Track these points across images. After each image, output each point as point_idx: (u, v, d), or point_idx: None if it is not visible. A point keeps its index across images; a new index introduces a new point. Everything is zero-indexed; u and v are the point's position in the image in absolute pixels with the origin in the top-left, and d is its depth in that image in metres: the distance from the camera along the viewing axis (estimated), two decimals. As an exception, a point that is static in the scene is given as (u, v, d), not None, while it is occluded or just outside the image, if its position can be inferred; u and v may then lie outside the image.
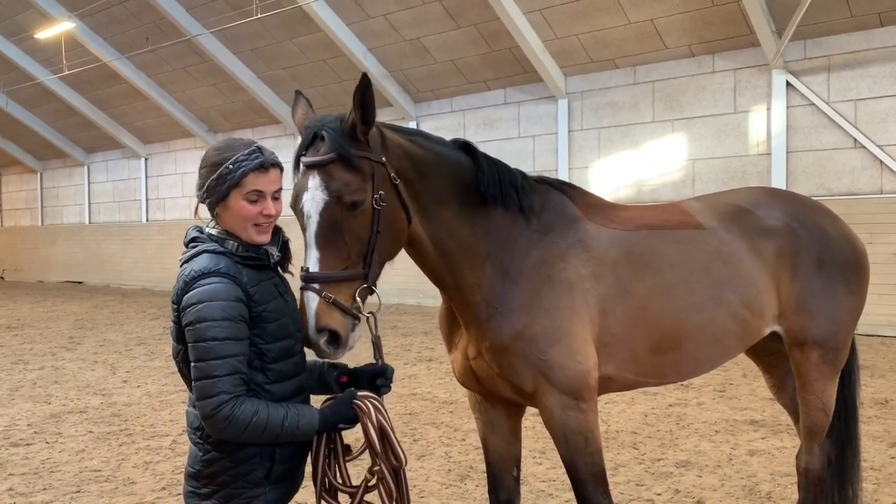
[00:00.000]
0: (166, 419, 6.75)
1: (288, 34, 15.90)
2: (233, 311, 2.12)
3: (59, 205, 27.18)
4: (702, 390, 7.40)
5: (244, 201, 2.20)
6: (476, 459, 5.40)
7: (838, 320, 3.26)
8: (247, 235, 2.23)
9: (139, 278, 22.79)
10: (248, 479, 2.22)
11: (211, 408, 2.07)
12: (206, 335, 2.08)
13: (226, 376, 2.08)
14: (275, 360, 2.23)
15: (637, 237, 2.96)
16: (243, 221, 2.22)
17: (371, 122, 2.39)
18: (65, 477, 5.24)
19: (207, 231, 2.28)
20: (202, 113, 20.28)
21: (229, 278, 2.14)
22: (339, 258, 2.32)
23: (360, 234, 2.35)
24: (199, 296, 2.11)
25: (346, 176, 2.32)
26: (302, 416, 2.18)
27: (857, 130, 11.03)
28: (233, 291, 2.13)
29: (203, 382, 2.09)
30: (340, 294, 2.29)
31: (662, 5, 11.86)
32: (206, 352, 2.08)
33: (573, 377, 2.66)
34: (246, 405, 2.09)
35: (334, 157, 2.33)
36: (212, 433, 2.14)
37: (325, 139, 2.35)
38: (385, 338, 10.98)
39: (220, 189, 2.20)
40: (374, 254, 2.37)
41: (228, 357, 2.10)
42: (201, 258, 2.19)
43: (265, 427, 2.11)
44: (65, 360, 10.06)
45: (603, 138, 13.74)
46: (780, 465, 5.16)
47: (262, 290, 2.22)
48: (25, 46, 20.51)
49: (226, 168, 2.19)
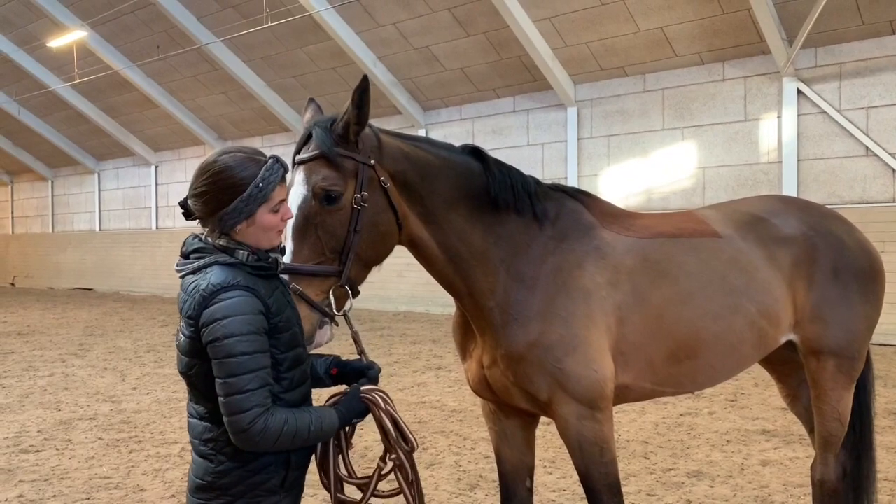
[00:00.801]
0: (175, 426, 6.75)
1: (298, 43, 15.97)
2: (258, 325, 2.10)
3: (70, 212, 27.32)
4: (713, 400, 7.35)
5: (270, 213, 2.18)
6: (486, 469, 5.38)
7: (854, 329, 3.23)
8: (269, 242, 2.22)
9: (149, 285, 22.87)
10: (264, 488, 2.20)
11: (246, 422, 2.05)
12: (235, 350, 2.06)
13: (258, 389, 2.07)
14: (289, 369, 2.22)
15: (653, 245, 2.94)
16: (269, 231, 2.20)
17: (363, 124, 2.43)
18: (74, 484, 5.24)
19: (214, 241, 2.21)
20: (212, 121, 20.38)
21: (250, 291, 2.12)
22: (313, 253, 2.35)
23: (335, 230, 2.37)
24: (223, 311, 2.07)
25: (324, 172, 2.37)
26: (323, 418, 2.20)
27: (869, 138, 10.97)
28: (255, 304, 2.11)
29: (235, 398, 2.06)
30: (310, 289, 2.31)
31: (672, 13, 11.85)
32: (238, 367, 2.06)
33: (589, 386, 2.64)
34: (276, 416, 2.10)
35: (317, 155, 2.40)
36: (245, 447, 2.11)
37: (313, 137, 2.42)
38: (394, 346, 10.99)
39: (251, 208, 2.15)
40: (350, 253, 2.38)
41: (259, 370, 2.09)
42: (215, 271, 2.14)
43: (295, 434, 2.12)
44: (75, 366, 10.08)
45: (612, 146, 13.72)
46: (794, 475, 5.11)
47: (276, 300, 2.21)
48: (38, 55, 20.67)
49: (255, 188, 2.14)
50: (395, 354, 10.51)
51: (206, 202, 2.17)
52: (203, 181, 2.17)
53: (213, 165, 2.17)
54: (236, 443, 2.11)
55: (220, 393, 2.09)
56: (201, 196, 2.18)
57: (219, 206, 2.15)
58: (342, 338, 2.51)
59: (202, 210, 2.20)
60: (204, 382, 2.16)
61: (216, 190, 2.15)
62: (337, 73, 16.20)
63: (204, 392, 2.18)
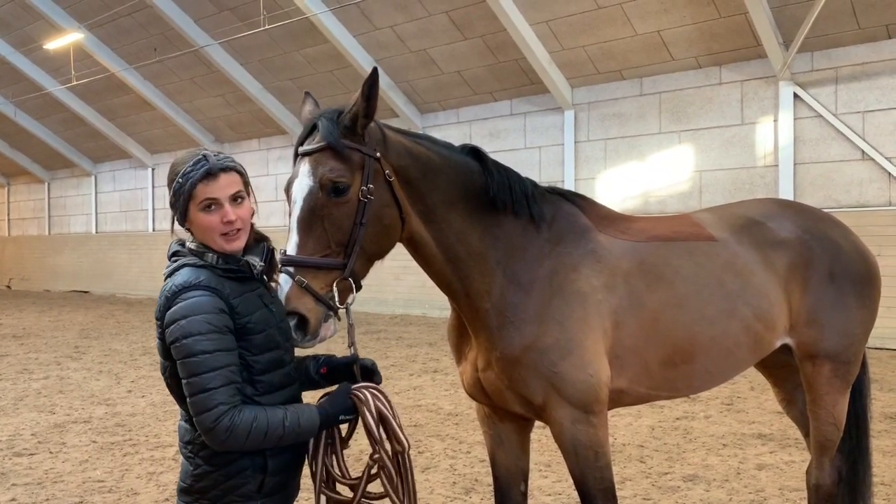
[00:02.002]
0: (170, 430, 6.73)
1: (295, 45, 15.96)
2: (218, 323, 2.10)
3: (67, 214, 27.26)
4: (709, 403, 7.34)
5: (201, 212, 2.17)
6: (481, 472, 5.36)
7: (850, 333, 3.22)
8: (217, 246, 2.20)
9: (145, 288, 22.80)
10: (239, 493, 2.18)
11: (210, 421, 2.05)
12: (195, 349, 2.06)
13: (221, 387, 2.06)
14: (263, 372, 2.20)
15: (649, 249, 2.93)
16: (209, 233, 2.19)
17: (371, 116, 2.41)
18: (68, 487, 5.22)
19: (188, 245, 2.25)
20: (209, 123, 20.36)
21: (211, 290, 2.12)
22: (319, 245, 2.32)
23: (341, 223, 2.34)
24: (182, 311, 2.08)
25: (332, 164, 2.34)
26: (302, 414, 2.16)
27: (865, 142, 10.98)
28: (215, 303, 2.11)
29: (198, 397, 2.06)
30: (316, 281, 2.28)
31: (669, 17, 11.86)
32: (198, 366, 2.06)
33: (584, 390, 2.63)
34: (244, 413, 2.08)
35: (324, 146, 2.36)
36: (215, 446, 2.11)
37: (319, 129, 2.39)
38: (390, 349, 10.94)
39: (179, 205, 2.19)
40: (355, 245, 2.35)
41: (221, 368, 2.07)
42: (182, 272, 2.17)
43: (266, 431, 2.09)
44: (70, 369, 10.05)
45: (609, 149, 13.72)
46: (789, 479, 5.11)
47: (244, 301, 2.19)
48: (34, 57, 20.63)
49: (177, 183, 2.17)
50: (392, 357, 10.49)
51: None
52: None
53: None
54: (208, 443, 2.11)
55: (186, 393, 2.10)
56: None
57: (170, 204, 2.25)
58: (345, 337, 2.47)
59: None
60: (178, 384, 2.16)
61: (168, 188, 2.23)
62: (334, 76, 16.20)
63: (179, 393, 2.18)
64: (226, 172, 2.19)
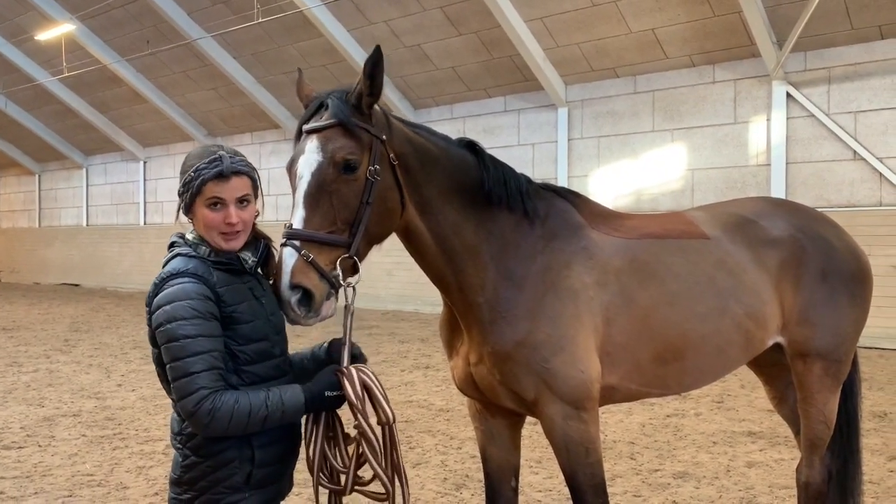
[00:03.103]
0: (160, 423, 6.70)
1: (289, 39, 15.91)
2: (202, 308, 2.12)
3: (57, 207, 27.12)
4: (700, 401, 7.36)
5: (206, 209, 2.20)
6: (472, 468, 5.36)
7: (841, 332, 3.23)
8: (214, 243, 2.24)
9: (136, 281, 22.72)
10: (227, 485, 2.19)
11: (192, 404, 2.06)
12: (177, 333, 2.08)
13: (203, 372, 2.07)
14: (249, 363, 2.21)
15: (641, 246, 2.93)
16: (208, 229, 2.22)
17: (377, 95, 2.41)
18: (57, 481, 5.19)
19: (187, 237, 2.30)
20: (202, 117, 20.27)
21: (196, 278, 2.15)
22: (325, 221, 2.30)
23: (349, 200, 2.33)
24: (167, 296, 2.13)
25: (344, 141, 2.34)
26: (284, 392, 2.17)
27: (857, 142, 11.03)
28: (200, 290, 2.14)
29: (181, 381, 2.08)
30: (321, 257, 2.26)
31: (663, 15, 11.87)
32: (181, 350, 2.08)
33: (575, 386, 2.63)
34: (225, 395, 2.09)
35: (335, 123, 2.36)
36: (198, 431, 2.12)
37: (329, 107, 2.38)
38: (382, 344, 10.91)
39: (186, 197, 2.22)
40: (360, 225, 2.34)
41: (203, 353, 2.09)
42: (173, 261, 2.23)
43: (249, 412, 2.09)
44: (59, 362, 10.00)
45: (602, 147, 13.74)
46: (779, 477, 5.13)
47: (231, 290, 2.21)
48: (25, 48, 20.50)
49: (188, 176, 2.21)
50: (384, 353, 10.48)
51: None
52: None
53: None
54: (192, 428, 2.13)
55: (169, 378, 2.12)
56: None
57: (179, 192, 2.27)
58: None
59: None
60: (165, 371, 2.18)
61: (179, 178, 2.26)
62: (328, 71, 16.15)
63: (167, 382, 2.20)
64: (237, 176, 2.22)
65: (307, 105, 2.50)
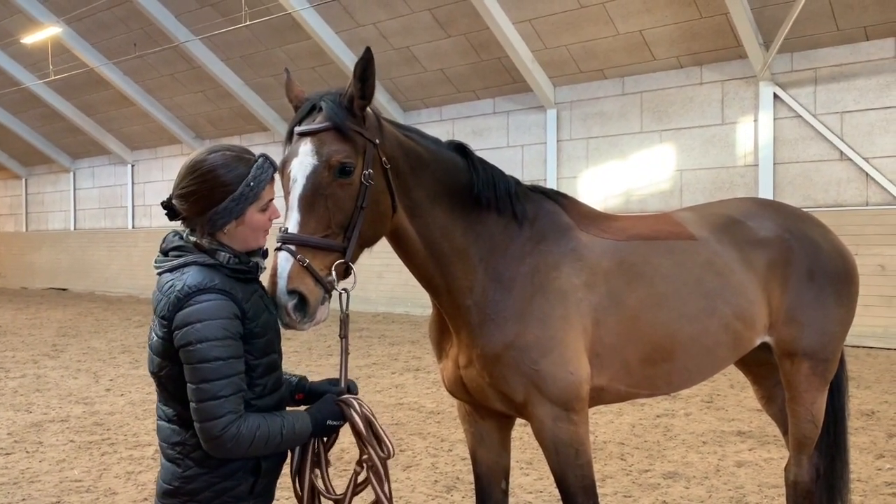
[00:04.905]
0: (149, 428, 6.66)
1: (277, 41, 15.87)
2: (233, 329, 2.07)
3: (45, 211, 26.93)
4: (689, 401, 7.39)
5: (259, 213, 2.17)
6: (463, 470, 5.36)
7: (828, 332, 3.25)
8: (256, 243, 2.21)
9: (124, 285, 22.59)
10: (232, 494, 2.16)
11: (218, 430, 2.01)
12: (210, 355, 2.02)
13: (231, 396, 2.04)
14: (262, 376, 2.18)
15: (629, 247, 2.94)
16: (258, 232, 2.19)
17: (369, 98, 2.41)
18: (44, 487, 5.15)
19: (193, 240, 2.17)
20: (190, 120, 20.19)
21: (226, 295, 2.08)
22: (320, 225, 2.29)
23: (344, 204, 2.33)
24: (198, 314, 2.03)
25: (338, 145, 2.33)
26: (296, 421, 2.16)
27: (844, 143, 11.11)
28: (231, 309, 2.07)
29: (208, 404, 2.02)
30: (316, 261, 2.25)
31: (651, 17, 11.92)
32: (212, 372, 2.02)
33: (565, 388, 2.63)
34: (249, 421, 2.06)
35: (329, 126, 2.34)
36: (215, 453, 2.07)
37: (323, 109, 2.37)
38: (372, 347, 10.85)
39: (238, 208, 2.13)
40: (355, 229, 2.34)
41: (233, 376, 2.05)
42: (192, 272, 2.10)
43: (267, 439, 2.08)
44: (47, 367, 9.92)
45: (591, 148, 13.77)
46: (768, 476, 5.15)
47: (253, 305, 2.16)
48: (11, 51, 20.36)
49: (246, 187, 2.13)
50: (374, 356, 10.46)
51: (194, 202, 2.14)
52: (191, 180, 2.13)
53: (201, 165, 2.14)
54: (207, 449, 2.07)
55: (192, 398, 2.05)
56: (189, 196, 2.14)
57: (208, 206, 2.12)
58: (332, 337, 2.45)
59: (189, 210, 2.16)
60: (174, 385, 2.12)
61: (205, 189, 2.12)
62: (316, 73, 16.12)
63: (173, 394, 2.14)
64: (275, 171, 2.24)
65: (297, 107, 2.48)
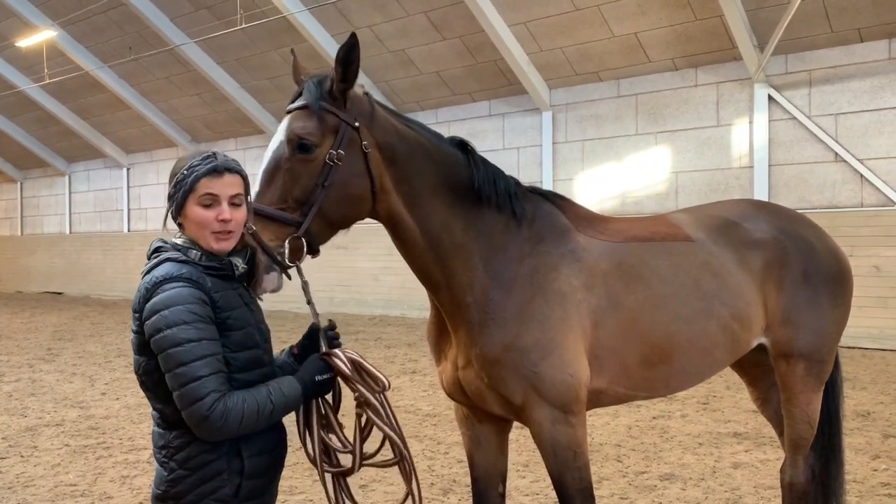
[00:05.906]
0: (145, 432, 6.64)
1: (272, 44, 15.85)
2: (202, 312, 2.08)
3: (40, 214, 26.85)
4: (685, 402, 7.40)
5: (198, 206, 2.17)
6: (459, 473, 5.36)
7: (824, 333, 3.26)
8: (206, 243, 2.19)
9: (120, 289, 22.53)
10: (215, 497, 2.15)
11: (205, 409, 2.01)
12: (180, 338, 2.02)
13: (211, 375, 2.04)
14: (241, 370, 2.18)
15: (627, 249, 2.95)
16: (201, 228, 2.18)
17: (350, 82, 2.48)
18: (39, 491, 5.13)
19: (172, 241, 2.24)
20: (185, 123, 20.16)
21: (191, 282, 2.11)
22: (276, 198, 2.37)
23: (301, 180, 2.39)
24: (163, 301, 2.06)
25: (304, 122, 2.42)
26: (282, 384, 2.19)
27: (838, 144, 11.14)
28: (197, 294, 2.10)
29: (188, 387, 2.01)
30: (266, 232, 2.31)
31: (646, 19, 11.95)
32: (185, 354, 2.02)
33: (564, 390, 2.63)
34: (234, 396, 2.07)
35: (302, 105, 2.46)
36: (209, 436, 2.07)
37: (303, 90, 2.48)
38: (368, 349, 10.86)
39: (178, 197, 2.18)
40: (314, 206, 2.38)
41: (209, 356, 2.05)
42: (163, 266, 2.15)
43: (258, 409, 2.08)
44: (42, 371, 9.90)
45: (587, 150, 13.79)
46: (764, 477, 5.16)
47: (225, 297, 2.18)
48: (6, 55, 20.31)
49: (181, 174, 2.18)
50: (370, 358, 10.35)
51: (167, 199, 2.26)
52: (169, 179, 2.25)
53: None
54: (200, 434, 2.07)
55: (172, 387, 2.05)
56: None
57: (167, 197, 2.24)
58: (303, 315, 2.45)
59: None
60: (153, 381, 2.13)
61: (169, 183, 2.23)
62: (312, 76, 16.11)
63: (155, 392, 2.15)
64: (230, 173, 2.21)
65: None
